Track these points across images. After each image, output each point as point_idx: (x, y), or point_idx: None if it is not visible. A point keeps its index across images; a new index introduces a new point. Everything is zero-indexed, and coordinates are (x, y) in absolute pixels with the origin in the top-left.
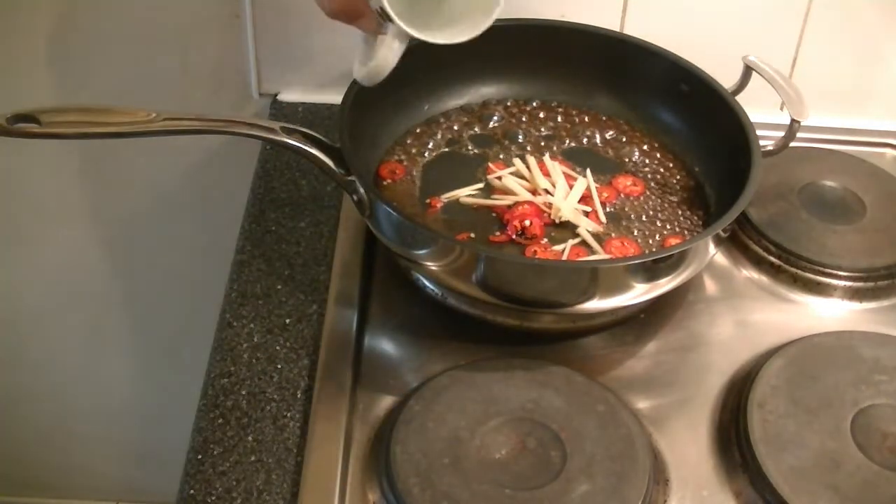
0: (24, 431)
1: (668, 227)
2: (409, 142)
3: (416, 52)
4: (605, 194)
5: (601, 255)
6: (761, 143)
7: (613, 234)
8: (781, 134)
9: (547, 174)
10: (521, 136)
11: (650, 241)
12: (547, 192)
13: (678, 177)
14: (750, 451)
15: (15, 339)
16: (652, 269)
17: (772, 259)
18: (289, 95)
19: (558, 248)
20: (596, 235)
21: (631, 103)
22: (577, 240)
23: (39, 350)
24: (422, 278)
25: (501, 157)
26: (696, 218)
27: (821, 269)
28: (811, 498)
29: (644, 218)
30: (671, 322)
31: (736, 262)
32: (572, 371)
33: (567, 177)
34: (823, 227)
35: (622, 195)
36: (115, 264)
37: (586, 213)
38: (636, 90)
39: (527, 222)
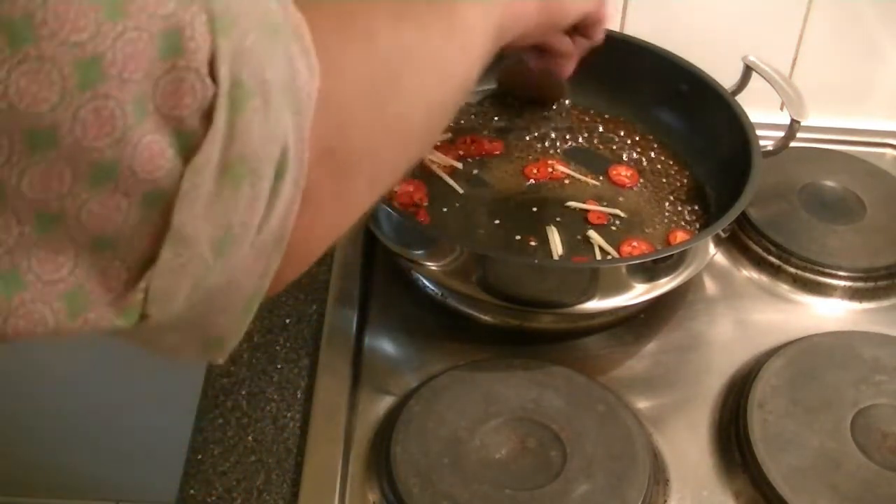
0: (24, 432)
1: (669, 223)
2: None
3: None
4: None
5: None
6: (761, 143)
7: (623, 234)
8: (781, 134)
9: (547, 174)
10: (518, 137)
11: (653, 236)
12: None
13: (678, 177)
14: (750, 451)
15: None
16: (652, 269)
17: (772, 259)
18: None
19: None
20: (610, 238)
21: (631, 103)
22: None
23: (39, 350)
24: (422, 278)
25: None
26: (696, 216)
27: (821, 269)
28: (811, 498)
29: (646, 214)
30: (671, 322)
31: (736, 262)
32: (572, 371)
33: (567, 176)
34: (823, 227)
35: (619, 188)
36: None
37: (587, 213)
38: (636, 90)
39: None
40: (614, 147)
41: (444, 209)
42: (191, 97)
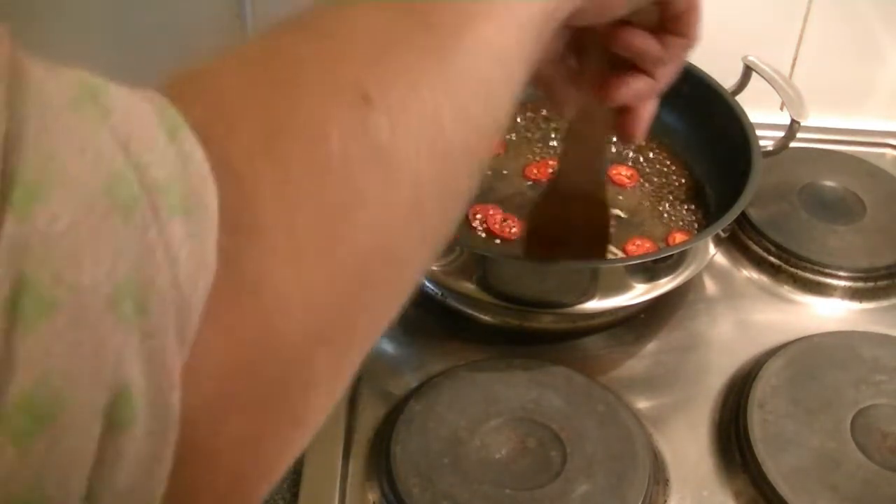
0: None
1: (669, 223)
2: None
3: None
4: None
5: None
6: (761, 143)
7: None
8: (781, 134)
9: (547, 174)
10: (518, 136)
11: (653, 235)
12: None
13: (678, 177)
14: (750, 451)
15: None
16: (652, 269)
17: (772, 259)
18: None
19: None
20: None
21: None
22: None
23: None
24: (422, 278)
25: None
26: (696, 216)
27: (821, 269)
28: (811, 498)
29: (645, 214)
30: (671, 322)
31: (736, 262)
32: (572, 371)
33: None
34: (823, 227)
35: (619, 188)
36: None
37: None
38: None
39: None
40: (614, 147)
41: None
42: None
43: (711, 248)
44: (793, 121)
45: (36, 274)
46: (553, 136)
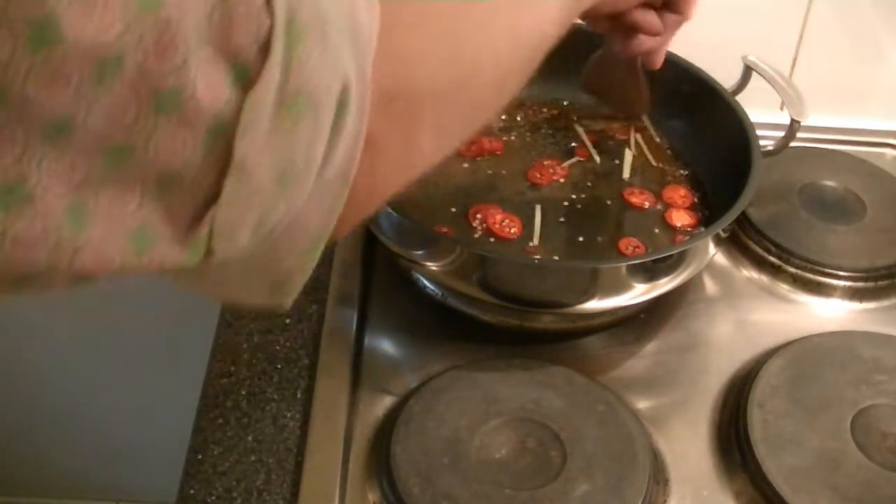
0: (24, 432)
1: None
2: None
3: None
4: None
5: None
6: (761, 143)
7: None
8: (781, 134)
9: (549, 177)
10: (518, 136)
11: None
12: None
13: (678, 176)
14: (750, 451)
15: (12, 340)
16: (652, 269)
17: (772, 259)
18: None
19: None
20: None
21: None
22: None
23: (37, 350)
24: (422, 278)
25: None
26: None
27: (821, 269)
28: (811, 498)
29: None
30: (671, 322)
31: (736, 262)
32: (572, 371)
33: (567, 175)
34: (823, 227)
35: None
36: None
37: None
38: None
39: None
40: (614, 146)
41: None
42: (245, 29)
43: (711, 248)
44: (793, 121)
45: (298, 8)
46: (552, 133)
